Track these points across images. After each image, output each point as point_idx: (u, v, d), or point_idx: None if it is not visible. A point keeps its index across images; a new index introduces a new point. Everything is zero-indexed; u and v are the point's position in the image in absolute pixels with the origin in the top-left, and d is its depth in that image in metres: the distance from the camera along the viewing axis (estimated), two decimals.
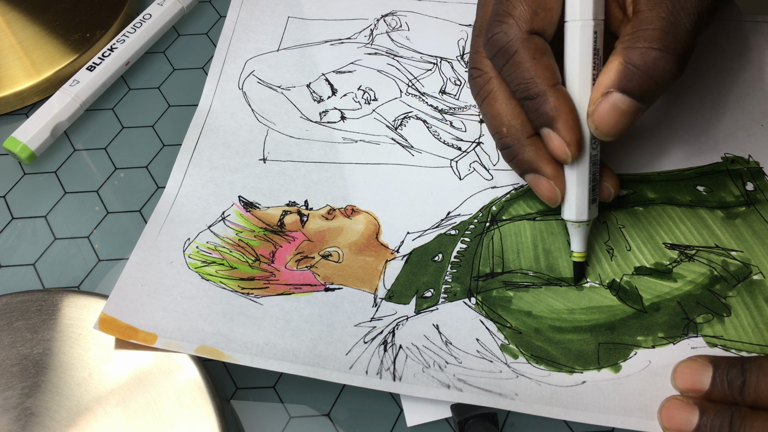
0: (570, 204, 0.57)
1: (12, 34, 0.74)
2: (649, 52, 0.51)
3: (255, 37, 0.76)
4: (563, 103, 0.53)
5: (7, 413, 0.53)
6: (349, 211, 0.64)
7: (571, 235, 0.59)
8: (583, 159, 0.56)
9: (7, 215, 0.66)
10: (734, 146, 0.65)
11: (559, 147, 0.54)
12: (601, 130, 0.53)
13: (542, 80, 0.53)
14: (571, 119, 0.53)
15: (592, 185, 0.57)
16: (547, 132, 0.54)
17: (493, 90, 0.57)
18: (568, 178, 0.57)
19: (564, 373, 0.55)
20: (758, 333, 0.56)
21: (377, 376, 0.54)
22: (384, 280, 0.60)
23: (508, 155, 0.58)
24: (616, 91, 0.52)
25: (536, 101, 0.54)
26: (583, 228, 0.58)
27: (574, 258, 0.59)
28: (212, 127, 0.69)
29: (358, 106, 0.70)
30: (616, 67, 0.52)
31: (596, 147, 0.56)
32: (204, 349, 0.55)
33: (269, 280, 0.60)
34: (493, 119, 0.58)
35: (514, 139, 0.57)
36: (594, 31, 0.53)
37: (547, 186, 0.57)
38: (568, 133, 0.53)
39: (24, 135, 0.67)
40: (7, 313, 0.57)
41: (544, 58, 0.54)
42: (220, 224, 0.63)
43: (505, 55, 0.54)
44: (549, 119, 0.54)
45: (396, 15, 0.77)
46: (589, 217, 0.57)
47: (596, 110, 0.53)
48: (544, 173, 0.56)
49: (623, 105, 0.52)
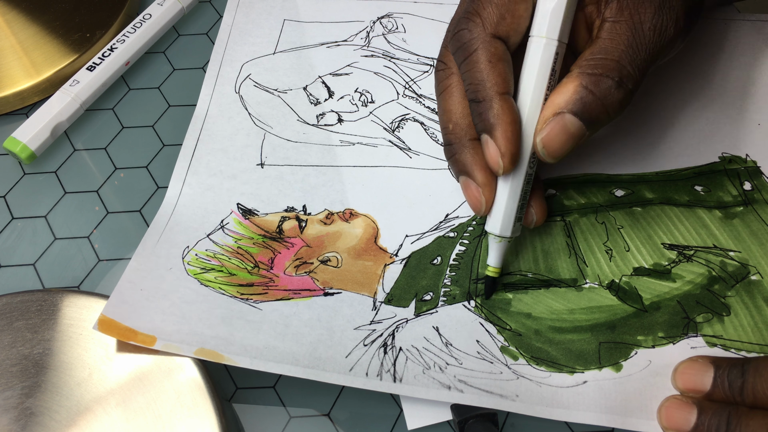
0: (496, 217, 0.57)
1: (12, 34, 0.74)
2: (605, 80, 0.52)
3: (251, 40, 0.76)
4: (506, 113, 0.53)
5: (7, 413, 0.53)
6: (348, 215, 0.64)
7: (490, 248, 0.58)
8: (517, 174, 0.55)
9: (7, 215, 0.66)
10: (732, 146, 0.66)
11: (493, 156, 0.54)
12: (548, 150, 0.53)
13: (492, 86, 0.53)
14: (511, 131, 0.53)
15: (522, 203, 0.57)
16: (486, 138, 0.54)
17: (451, 85, 0.58)
18: (500, 191, 0.56)
19: (565, 374, 0.55)
20: (757, 332, 0.56)
21: (377, 378, 0.54)
22: (383, 284, 0.60)
23: (447, 152, 0.58)
24: (568, 113, 0.52)
25: (481, 105, 0.54)
26: (504, 244, 0.58)
27: (487, 272, 0.59)
28: (209, 132, 0.69)
29: (355, 108, 0.71)
30: (572, 89, 0.52)
31: (533, 167, 0.56)
32: (203, 352, 0.55)
33: (268, 285, 0.60)
34: (444, 114, 0.58)
35: (457, 138, 0.57)
36: (556, 52, 0.54)
37: (475, 193, 0.57)
38: (505, 143, 0.53)
39: (24, 135, 0.67)
40: (7, 313, 0.57)
41: (499, 64, 0.54)
42: (219, 232, 0.63)
43: (464, 53, 0.55)
44: (489, 126, 0.53)
45: (392, 17, 0.77)
46: (512, 234, 0.57)
47: (545, 129, 0.53)
48: (475, 179, 0.56)
49: (573, 128, 0.52)
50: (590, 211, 0.63)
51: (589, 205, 0.63)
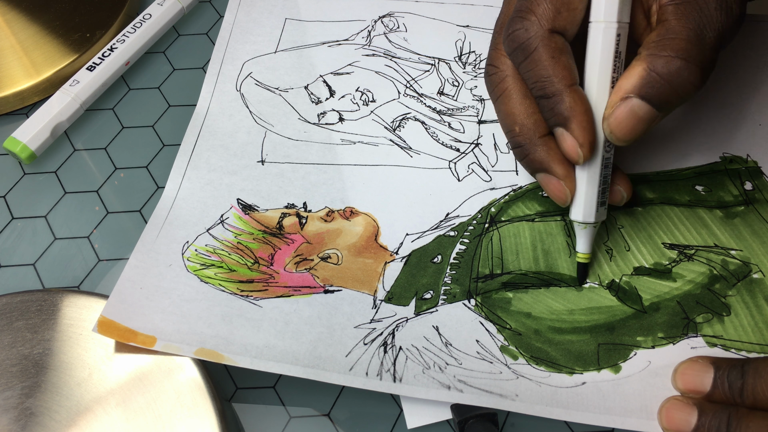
0: (578, 205, 0.57)
1: (12, 34, 0.74)
2: (673, 61, 0.51)
3: (252, 39, 0.76)
4: (579, 103, 0.53)
5: (7, 413, 0.53)
6: (348, 212, 0.64)
7: (577, 235, 0.59)
8: (595, 161, 0.55)
9: (7, 215, 0.66)
10: (732, 146, 0.66)
11: (572, 147, 0.54)
12: (616, 135, 0.53)
13: (560, 79, 0.53)
14: (586, 120, 0.53)
15: (602, 188, 0.57)
16: (561, 132, 0.54)
17: (508, 88, 0.57)
18: (579, 179, 0.57)
19: (564, 374, 0.55)
20: (758, 332, 0.56)
21: (377, 378, 0.54)
22: (383, 282, 0.60)
23: (519, 154, 0.58)
24: (635, 97, 0.52)
25: (552, 100, 0.54)
26: (590, 230, 0.58)
27: (578, 259, 0.59)
28: (210, 129, 0.69)
29: (356, 107, 0.71)
30: (639, 73, 0.52)
31: (609, 150, 0.56)
32: (203, 352, 0.55)
33: (268, 282, 0.60)
34: (507, 117, 0.58)
35: (526, 138, 0.57)
36: (617, 33, 0.53)
37: (558, 186, 0.57)
38: (582, 133, 0.53)
39: (24, 135, 0.67)
40: (7, 313, 0.57)
41: (563, 58, 0.54)
42: (218, 227, 0.63)
43: (524, 52, 0.54)
44: (563, 119, 0.53)
45: (393, 16, 0.77)
46: (596, 219, 0.57)
47: (613, 114, 0.53)
48: (555, 173, 0.57)
49: (641, 111, 0.52)
50: None
51: None
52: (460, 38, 0.75)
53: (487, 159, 0.67)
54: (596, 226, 0.58)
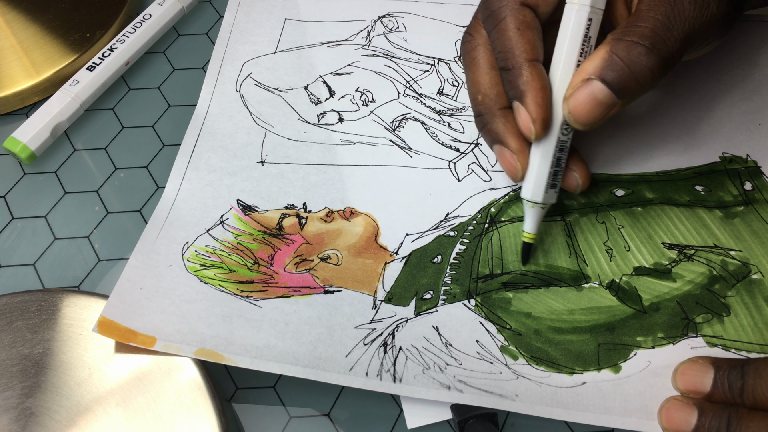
0: (528, 183, 0.58)
1: (12, 34, 0.74)
2: (635, 46, 0.51)
3: (252, 39, 0.76)
4: (536, 79, 0.54)
5: (7, 413, 0.53)
6: (348, 213, 0.64)
7: (525, 214, 0.59)
8: (549, 140, 0.56)
9: (7, 215, 0.66)
10: (732, 146, 0.66)
11: (525, 122, 0.55)
12: (574, 116, 0.54)
13: (521, 52, 0.54)
14: (541, 96, 0.54)
15: (554, 170, 0.57)
16: (517, 105, 0.55)
17: (478, 57, 0.58)
18: (532, 157, 0.57)
19: (564, 374, 0.55)
20: (758, 332, 0.56)
21: (377, 378, 0.54)
22: (383, 282, 0.60)
23: (479, 123, 0.59)
24: (596, 79, 0.52)
25: (511, 72, 0.54)
26: (537, 210, 0.58)
27: (523, 238, 0.60)
28: (210, 130, 0.69)
29: (356, 107, 0.71)
30: (602, 55, 0.52)
31: (567, 133, 0.56)
32: (203, 352, 0.55)
33: (268, 283, 0.60)
34: (472, 86, 0.59)
35: (487, 108, 0.58)
36: (589, 18, 0.54)
37: (510, 159, 0.58)
38: (536, 109, 0.54)
39: (24, 135, 0.67)
40: (7, 313, 0.57)
41: (528, 32, 0.54)
42: (218, 228, 0.63)
43: (493, 21, 0.55)
44: (520, 92, 0.54)
45: (393, 16, 0.77)
46: (544, 200, 0.58)
47: (573, 95, 0.53)
48: (509, 146, 0.57)
49: (600, 95, 0.52)
50: (590, 210, 0.63)
51: (590, 204, 0.63)
52: (460, 38, 0.75)
53: (487, 159, 0.67)
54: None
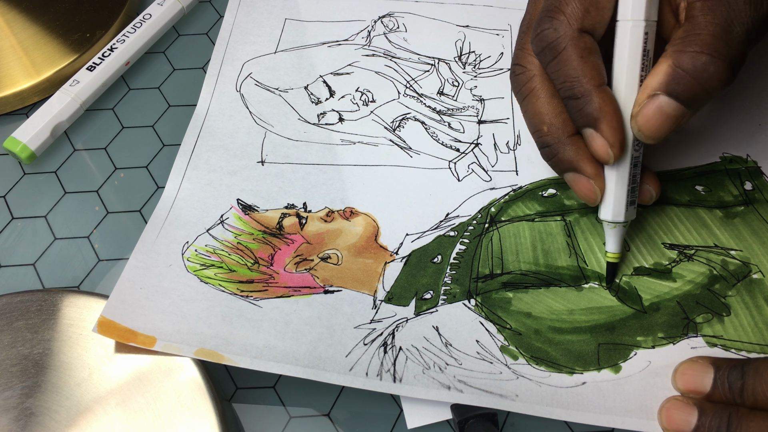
0: (608, 204, 0.57)
1: (12, 34, 0.74)
2: (699, 56, 0.50)
3: (252, 39, 0.76)
4: (608, 103, 0.53)
5: (7, 413, 0.53)
6: (348, 213, 0.64)
7: (607, 235, 0.59)
8: (624, 160, 0.55)
9: (7, 215, 0.66)
10: (732, 146, 0.66)
11: (602, 148, 0.54)
12: (645, 133, 0.53)
13: (588, 80, 0.53)
14: (615, 120, 0.53)
15: (632, 187, 0.57)
16: (590, 132, 0.54)
17: (535, 88, 0.57)
18: (608, 179, 0.57)
19: (564, 374, 0.55)
20: (758, 332, 0.56)
21: (377, 378, 0.54)
22: (383, 282, 0.60)
23: (547, 154, 0.58)
24: (662, 94, 0.51)
25: (581, 101, 0.53)
26: (620, 229, 0.58)
27: (608, 258, 0.59)
28: (210, 130, 0.69)
29: (356, 107, 0.71)
30: (665, 69, 0.51)
31: (639, 149, 0.56)
32: (203, 352, 0.55)
33: (268, 282, 0.60)
34: (534, 117, 0.58)
35: (555, 138, 0.57)
36: (645, 32, 0.53)
37: (588, 185, 0.57)
38: (612, 134, 0.53)
39: (24, 135, 0.67)
40: (7, 313, 0.57)
41: (591, 58, 0.53)
42: (218, 227, 0.63)
43: (552, 52, 0.54)
44: (593, 120, 0.53)
45: (393, 16, 0.77)
46: (626, 218, 0.57)
47: (641, 112, 0.52)
48: (585, 173, 0.56)
49: (669, 109, 0.52)
50: (590, 211, 0.63)
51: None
52: (460, 38, 0.75)
53: (486, 159, 0.67)
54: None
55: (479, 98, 0.71)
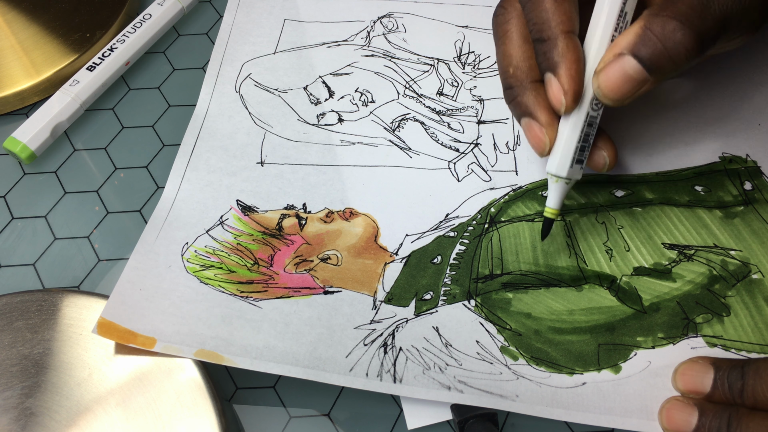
0: (554, 157, 0.57)
1: (12, 34, 0.74)
2: (669, 21, 0.51)
3: (251, 39, 0.76)
4: (571, 50, 0.54)
5: (7, 413, 0.53)
6: (348, 213, 0.64)
7: (549, 189, 0.59)
8: (578, 114, 0.56)
9: (7, 215, 0.66)
10: (732, 146, 0.66)
11: (556, 94, 0.54)
12: (603, 91, 0.53)
13: (557, 24, 0.54)
14: (575, 69, 0.54)
15: (582, 145, 0.57)
16: (549, 77, 0.55)
17: (510, 29, 0.58)
18: (560, 131, 0.57)
19: (564, 375, 0.55)
20: (758, 332, 0.56)
21: (377, 379, 0.54)
22: (383, 283, 0.60)
23: (509, 96, 0.59)
24: (628, 55, 0.52)
25: (546, 44, 0.54)
26: (561, 185, 0.58)
27: (545, 213, 0.59)
28: (209, 131, 0.69)
29: (356, 108, 0.71)
30: (635, 30, 0.52)
31: (597, 109, 0.56)
32: (203, 353, 0.55)
33: (268, 283, 0.60)
34: (504, 58, 0.59)
35: (518, 81, 0.57)
36: None
37: (539, 132, 0.57)
38: (568, 81, 0.54)
39: (24, 135, 0.67)
40: (7, 313, 0.57)
41: (564, 3, 0.54)
42: (218, 228, 0.63)
43: None
44: (553, 64, 0.54)
45: (392, 17, 0.77)
46: (569, 175, 0.57)
47: (603, 69, 0.53)
48: (538, 119, 0.57)
49: (631, 71, 0.52)
50: (590, 211, 0.63)
51: (589, 205, 0.63)
52: (459, 38, 0.75)
53: (486, 159, 0.67)
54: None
55: (479, 98, 0.71)
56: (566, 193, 0.59)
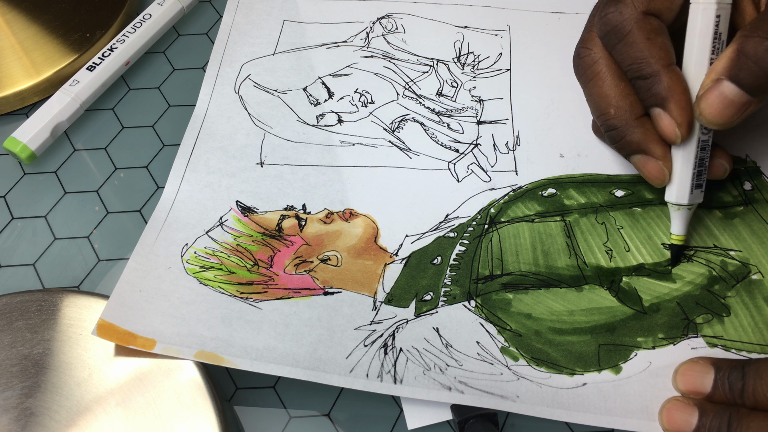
0: (673, 186, 0.57)
1: (12, 34, 0.74)
2: (762, 42, 0.50)
3: (251, 41, 0.76)
4: (677, 83, 0.53)
5: (7, 413, 0.53)
6: (348, 214, 0.64)
7: (672, 217, 0.59)
8: (690, 142, 0.56)
9: (7, 215, 0.66)
10: (731, 146, 0.65)
11: (669, 127, 0.54)
12: (706, 117, 0.53)
13: (656, 60, 0.53)
14: (684, 100, 0.53)
15: (698, 170, 0.57)
16: (658, 112, 0.54)
17: (601, 71, 0.58)
18: (674, 160, 0.57)
19: (564, 375, 0.55)
20: (758, 332, 0.56)
21: (378, 379, 0.54)
22: (383, 284, 0.60)
23: (614, 136, 0.58)
24: (726, 80, 0.51)
25: (649, 81, 0.54)
26: (684, 212, 0.58)
27: (672, 240, 0.59)
28: (209, 132, 0.69)
29: (355, 109, 0.71)
30: (729, 54, 0.51)
31: (707, 133, 0.56)
32: (203, 354, 0.55)
33: (268, 284, 0.60)
34: (600, 99, 0.58)
35: (623, 121, 0.57)
36: (717, 14, 0.53)
37: (656, 166, 0.57)
38: (680, 113, 0.53)
39: (24, 135, 0.67)
40: (7, 313, 0.57)
41: (659, 39, 0.54)
42: (217, 229, 0.63)
43: (617, 35, 0.55)
44: (661, 99, 0.54)
45: (392, 17, 0.77)
46: (690, 201, 0.57)
47: (704, 96, 0.52)
48: (653, 154, 0.57)
49: (731, 95, 0.51)
50: (590, 211, 0.63)
51: (589, 205, 0.63)
52: (459, 39, 0.75)
53: (486, 159, 0.67)
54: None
55: (478, 99, 0.71)
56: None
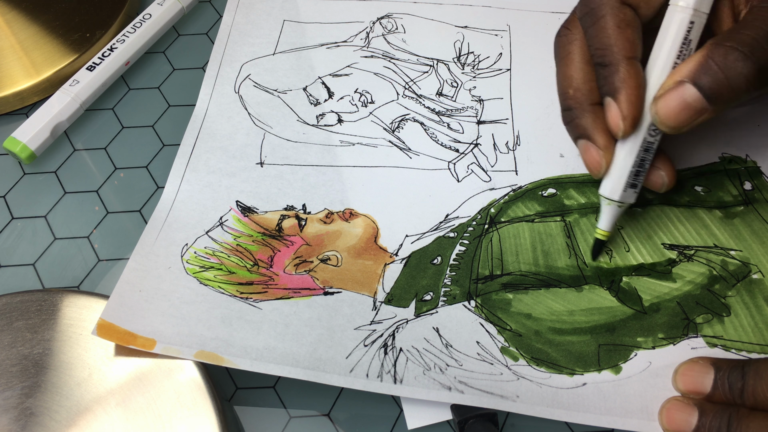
0: (608, 180, 0.58)
1: (12, 34, 0.74)
2: (732, 51, 0.50)
3: (251, 40, 0.76)
4: (633, 77, 0.54)
5: (7, 413, 0.53)
6: (348, 214, 0.64)
7: (600, 211, 0.59)
8: (635, 139, 0.56)
9: (7, 215, 0.66)
10: (732, 146, 0.66)
11: (615, 118, 0.55)
12: (661, 118, 0.53)
13: (619, 50, 0.54)
14: (635, 95, 0.54)
15: (636, 170, 0.57)
16: (609, 101, 0.55)
17: (572, 51, 0.58)
18: (616, 155, 0.57)
19: (564, 375, 0.55)
20: (758, 332, 0.56)
21: (378, 379, 0.54)
22: (383, 284, 0.60)
23: (567, 117, 0.59)
24: (688, 82, 0.51)
25: (608, 69, 0.54)
26: (613, 208, 0.58)
27: (596, 234, 0.60)
28: (209, 131, 0.69)
29: (355, 108, 0.71)
30: (697, 59, 0.51)
31: (655, 135, 0.56)
32: (203, 354, 0.55)
33: (268, 284, 0.60)
34: (564, 79, 0.59)
35: (577, 103, 0.58)
36: (690, 21, 0.54)
37: (596, 155, 0.57)
38: (627, 107, 0.54)
39: (24, 135, 0.67)
40: (7, 313, 0.57)
41: (628, 30, 0.54)
42: (217, 229, 0.63)
43: (592, 18, 0.55)
44: (614, 89, 0.54)
45: (392, 17, 0.77)
46: (621, 198, 0.57)
47: (663, 96, 0.53)
48: (596, 142, 0.57)
49: (691, 99, 0.52)
50: (590, 211, 0.63)
51: (589, 205, 0.63)
52: (459, 39, 0.75)
53: (486, 159, 0.67)
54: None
55: (478, 99, 0.71)
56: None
